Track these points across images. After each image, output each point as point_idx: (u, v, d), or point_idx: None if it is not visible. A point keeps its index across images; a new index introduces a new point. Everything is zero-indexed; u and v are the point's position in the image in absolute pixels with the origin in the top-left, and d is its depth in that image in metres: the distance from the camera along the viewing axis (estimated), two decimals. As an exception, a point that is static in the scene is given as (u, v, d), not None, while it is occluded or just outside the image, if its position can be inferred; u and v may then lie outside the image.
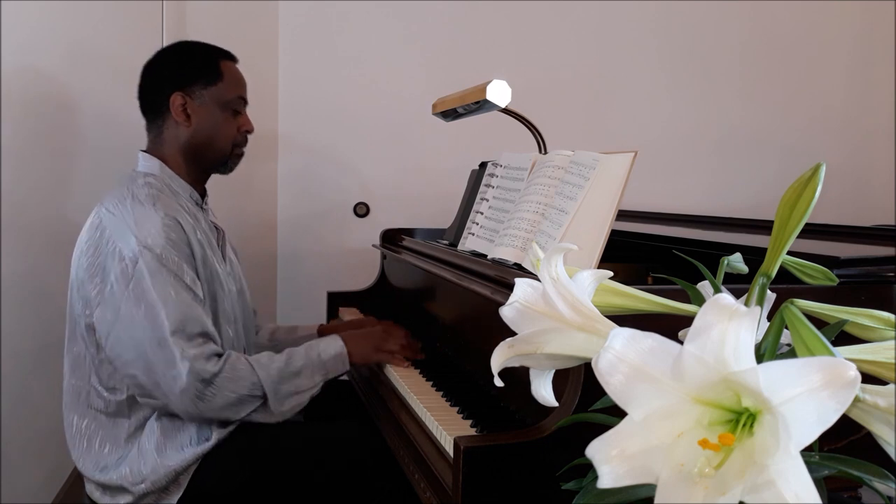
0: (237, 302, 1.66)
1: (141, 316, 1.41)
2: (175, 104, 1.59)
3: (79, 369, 1.53)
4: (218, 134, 1.63)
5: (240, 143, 1.67)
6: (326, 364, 1.56)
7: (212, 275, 1.55)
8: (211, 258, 1.56)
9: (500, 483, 1.04)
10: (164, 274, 1.42)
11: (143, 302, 1.41)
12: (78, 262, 1.50)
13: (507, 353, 0.61)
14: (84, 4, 2.06)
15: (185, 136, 1.61)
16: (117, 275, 1.42)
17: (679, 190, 2.85)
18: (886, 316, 0.58)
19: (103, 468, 1.50)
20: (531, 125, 1.83)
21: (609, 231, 1.22)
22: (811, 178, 0.56)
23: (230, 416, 1.46)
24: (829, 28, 3.00)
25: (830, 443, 0.51)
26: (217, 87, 1.62)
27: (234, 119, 1.65)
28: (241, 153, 1.69)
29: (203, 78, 1.61)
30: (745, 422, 0.47)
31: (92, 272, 1.46)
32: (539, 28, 2.75)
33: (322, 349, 1.57)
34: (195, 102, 1.61)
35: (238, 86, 1.66)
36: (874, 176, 3.01)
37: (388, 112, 2.65)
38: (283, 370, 1.50)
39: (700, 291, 0.67)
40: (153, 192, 1.51)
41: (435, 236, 2.07)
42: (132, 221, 1.45)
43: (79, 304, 1.50)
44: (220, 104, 1.62)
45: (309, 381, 1.53)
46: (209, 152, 1.64)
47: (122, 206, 1.48)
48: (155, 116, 1.63)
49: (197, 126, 1.61)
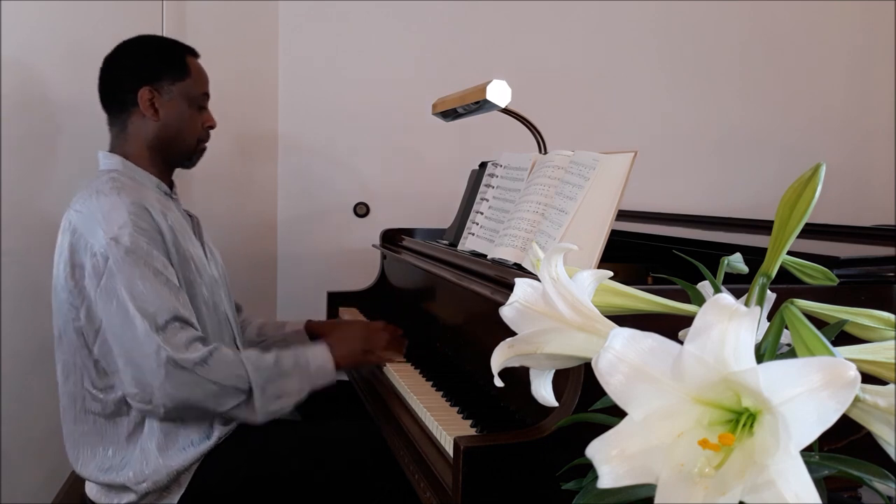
0: (220, 289, 1.65)
1: (114, 311, 1.40)
2: (143, 98, 1.59)
3: (71, 375, 1.52)
4: (185, 129, 1.64)
5: (203, 138, 1.69)
6: (312, 375, 1.55)
7: (185, 259, 1.53)
8: (184, 243, 1.54)
9: (500, 483, 1.04)
10: (133, 264, 1.40)
11: (114, 297, 1.40)
12: (57, 267, 1.50)
13: (507, 353, 0.61)
14: (84, 4, 2.06)
15: (153, 131, 1.61)
16: (90, 272, 1.42)
17: (679, 190, 2.85)
18: (886, 316, 0.58)
19: (107, 469, 1.49)
20: (531, 125, 1.83)
21: (609, 231, 1.22)
22: (811, 178, 0.56)
23: (213, 406, 1.42)
24: (829, 28, 3.00)
25: (830, 443, 0.51)
26: (184, 83, 1.63)
27: (199, 114, 1.66)
28: (204, 148, 1.71)
29: (171, 73, 1.61)
30: (745, 422, 0.47)
31: (72, 273, 1.45)
32: (539, 28, 2.75)
33: (310, 357, 1.56)
34: (163, 97, 1.61)
35: (203, 82, 1.67)
36: (874, 176, 3.01)
37: (388, 112, 2.65)
38: (271, 369, 1.48)
39: (700, 291, 0.67)
40: (117, 185, 1.50)
41: (435, 236, 2.07)
42: (100, 215, 1.44)
43: (64, 308, 1.49)
44: (187, 99, 1.63)
45: (296, 385, 1.51)
46: (175, 147, 1.64)
47: (88, 202, 1.47)
48: (119, 111, 1.62)
49: (165, 121, 1.61)
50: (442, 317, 1.82)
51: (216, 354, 1.42)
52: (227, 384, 1.42)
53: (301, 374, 1.52)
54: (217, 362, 1.41)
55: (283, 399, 1.49)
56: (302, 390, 1.52)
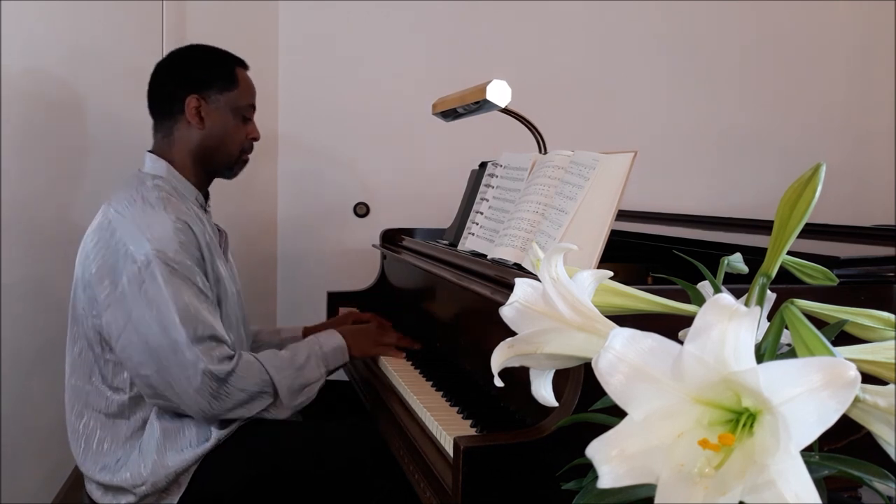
0: (237, 304, 1.67)
1: (153, 319, 1.42)
2: (190, 106, 1.61)
3: (79, 369, 1.53)
4: (228, 139, 1.65)
5: (247, 149, 1.70)
6: (328, 356, 1.62)
7: (217, 278, 1.56)
8: (216, 261, 1.56)
9: (500, 483, 1.04)
10: (176, 277, 1.43)
11: (154, 305, 1.42)
12: (85, 261, 1.50)
13: (507, 353, 0.61)
14: (84, 5, 2.06)
15: (197, 139, 1.62)
16: (129, 277, 1.43)
17: (679, 190, 2.85)
18: (886, 316, 0.58)
19: (103, 468, 1.50)
20: (531, 125, 1.83)
21: (609, 231, 1.22)
22: (811, 178, 0.56)
23: (243, 414, 1.49)
24: (829, 28, 3.00)
25: (830, 443, 0.51)
26: (232, 93, 1.64)
27: (244, 126, 1.68)
28: (247, 159, 1.72)
29: (220, 83, 1.63)
30: (745, 422, 0.47)
31: (102, 273, 1.45)
32: (539, 28, 2.75)
33: (323, 342, 1.63)
34: (210, 106, 1.62)
35: (250, 94, 1.69)
36: (874, 176, 3.01)
37: (388, 112, 2.65)
38: (290, 366, 1.54)
39: (700, 291, 0.67)
40: (163, 195, 1.52)
41: (435, 236, 2.07)
42: (144, 224, 1.45)
43: (84, 303, 1.50)
44: (233, 110, 1.64)
45: (315, 372, 1.58)
46: (218, 156, 1.65)
47: (133, 207, 1.48)
48: (165, 117, 1.64)
49: (209, 130, 1.62)
50: (442, 317, 1.82)
51: (241, 363, 1.47)
52: (255, 390, 1.48)
53: (316, 357, 1.59)
54: (243, 370, 1.46)
55: (307, 389, 1.56)
56: (321, 375, 1.59)
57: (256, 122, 1.72)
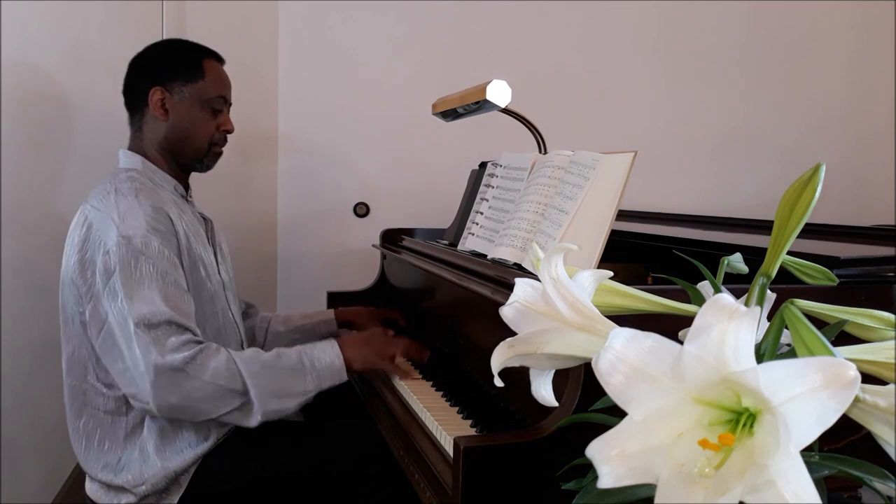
0: (224, 292, 1.65)
1: (117, 310, 1.40)
2: (154, 98, 1.60)
3: (75, 368, 1.53)
4: (194, 131, 1.63)
5: (218, 141, 1.67)
6: (320, 373, 1.49)
7: (194, 262, 1.53)
8: (196, 246, 1.55)
9: (500, 483, 1.04)
10: (141, 265, 1.40)
11: (118, 295, 1.40)
12: (68, 259, 1.50)
13: (507, 353, 0.61)
14: (84, 4, 2.06)
15: (163, 131, 1.61)
16: (100, 269, 1.42)
17: (679, 190, 2.84)
18: (886, 316, 0.58)
19: (105, 466, 1.49)
20: (531, 125, 1.83)
21: (609, 231, 1.22)
22: (811, 178, 0.56)
23: (208, 410, 1.40)
24: (829, 28, 3.00)
25: (830, 443, 0.51)
26: (197, 85, 1.62)
27: (213, 118, 1.65)
28: (220, 152, 1.70)
29: (184, 74, 1.62)
30: (745, 422, 0.47)
31: (82, 267, 1.45)
32: (539, 28, 2.75)
33: (316, 356, 1.50)
34: (174, 98, 1.61)
35: (220, 85, 1.66)
36: (874, 176, 3.00)
37: (388, 112, 2.65)
38: (268, 365, 1.45)
39: (700, 291, 0.67)
40: (136, 185, 1.51)
41: (435, 236, 2.07)
42: (116, 214, 1.44)
43: (70, 301, 1.49)
44: (200, 102, 1.63)
45: (300, 385, 1.46)
46: (185, 149, 1.64)
47: (107, 199, 1.48)
48: (135, 111, 1.64)
49: (173, 121, 1.61)
50: (442, 317, 1.82)
51: (205, 352, 1.39)
52: (219, 383, 1.38)
53: (306, 372, 1.47)
54: (206, 359, 1.38)
55: (285, 399, 1.44)
56: (308, 391, 1.47)
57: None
